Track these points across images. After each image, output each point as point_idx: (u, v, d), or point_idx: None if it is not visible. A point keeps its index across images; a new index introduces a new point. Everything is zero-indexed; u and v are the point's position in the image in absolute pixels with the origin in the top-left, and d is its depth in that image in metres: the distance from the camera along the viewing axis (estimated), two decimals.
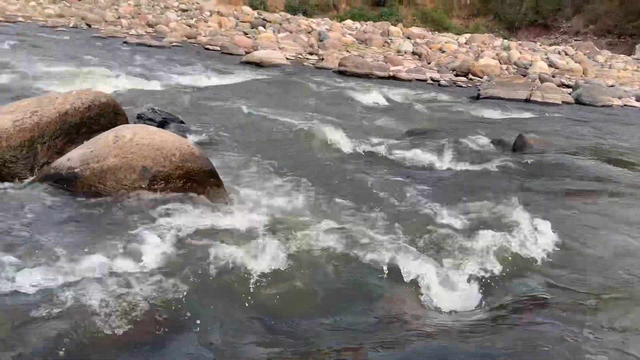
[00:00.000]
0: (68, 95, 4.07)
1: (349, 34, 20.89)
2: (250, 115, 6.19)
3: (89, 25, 18.55)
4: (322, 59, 14.74)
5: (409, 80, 12.49)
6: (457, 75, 13.75)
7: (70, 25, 17.94)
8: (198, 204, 3.04)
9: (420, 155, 5.09)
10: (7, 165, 3.56)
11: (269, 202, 3.31)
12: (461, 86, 12.53)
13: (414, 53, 17.39)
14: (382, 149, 5.21)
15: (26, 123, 3.68)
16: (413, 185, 4.09)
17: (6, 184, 3.40)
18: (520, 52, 18.20)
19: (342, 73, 12.39)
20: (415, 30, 24.12)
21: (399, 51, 17.66)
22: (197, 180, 3.21)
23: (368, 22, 26.74)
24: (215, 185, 3.30)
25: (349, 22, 26.97)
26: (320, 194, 3.59)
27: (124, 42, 14.61)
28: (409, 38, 20.84)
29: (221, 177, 3.41)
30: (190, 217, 2.87)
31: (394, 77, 12.55)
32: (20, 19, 18.55)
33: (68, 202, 2.98)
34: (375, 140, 5.53)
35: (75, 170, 3.11)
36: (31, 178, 3.44)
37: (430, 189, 4.05)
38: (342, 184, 3.97)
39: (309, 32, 20.64)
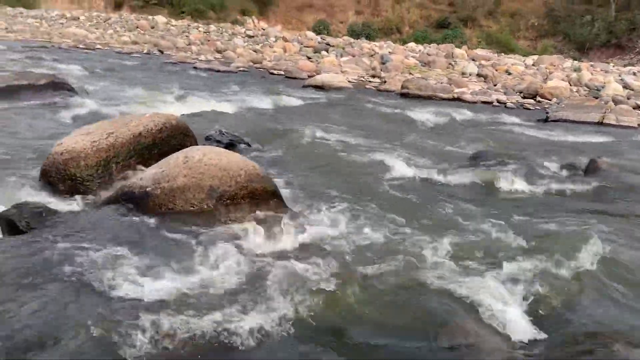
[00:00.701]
0: (141, 118, 4.28)
1: (412, 57, 20.83)
2: (312, 137, 6.26)
3: (161, 52, 19.47)
4: (385, 82, 14.75)
5: (474, 103, 12.26)
6: (524, 97, 13.37)
7: (144, 52, 18.90)
8: (262, 223, 3.09)
9: (486, 179, 4.96)
10: (84, 183, 3.77)
11: (330, 222, 3.32)
12: (529, 109, 12.17)
13: (479, 75, 17.09)
14: (446, 172, 5.11)
15: (102, 144, 3.89)
16: (480, 209, 3.99)
17: (83, 201, 3.59)
18: (592, 74, 17.49)
19: (404, 95, 12.35)
20: (480, 52, 23.74)
21: (463, 73, 17.41)
22: (261, 200, 3.28)
23: (432, 45, 26.58)
24: (278, 204, 3.35)
25: (412, 44, 26.92)
26: (381, 216, 3.56)
27: (194, 68, 15.22)
28: (473, 60, 20.52)
29: (284, 197, 3.46)
30: (254, 235, 2.92)
31: (458, 99, 12.37)
32: (98, 46, 19.77)
33: (140, 219, 3.10)
34: (438, 162, 5.45)
35: (147, 189, 3.25)
36: (106, 196, 3.61)
37: (498, 213, 3.92)
38: (404, 207, 3.92)
39: (372, 56, 20.75)
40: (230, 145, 5.05)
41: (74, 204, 3.56)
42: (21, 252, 2.56)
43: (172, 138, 4.33)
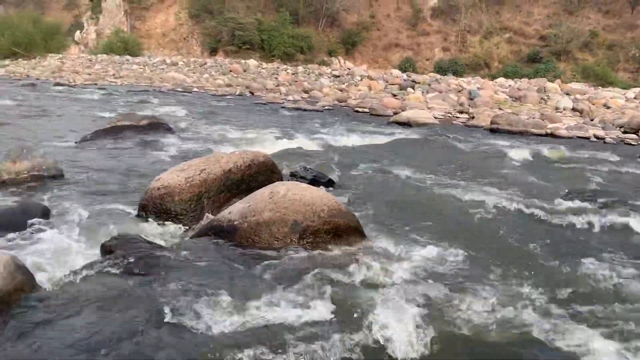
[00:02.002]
0: (232, 155, 4.48)
1: (502, 92, 20.31)
2: (397, 173, 6.22)
3: (252, 93, 20.39)
4: (473, 117, 14.45)
5: (569, 138, 11.67)
6: (625, 132, 12.53)
7: (237, 94, 19.87)
8: (344, 258, 3.09)
9: (583, 219, 4.66)
10: (178, 216, 3.98)
11: (414, 259, 3.25)
12: (630, 144, 11.38)
13: (574, 109, 16.30)
14: (538, 211, 4.86)
15: (196, 180, 4.10)
16: (574, 252, 3.74)
17: (177, 233, 3.78)
18: None
19: (494, 131, 12.01)
20: (575, 85, 22.71)
21: (557, 108, 16.68)
22: (344, 235, 3.29)
23: (522, 79, 25.81)
24: (360, 240, 3.35)
25: (501, 79, 26.30)
26: (468, 254, 3.44)
27: (282, 107, 15.77)
28: (567, 94, 19.63)
29: (367, 232, 3.45)
30: (337, 269, 2.93)
31: (551, 135, 11.84)
32: (195, 89, 21.05)
33: (228, 251, 3.22)
34: (529, 200, 5.20)
35: (235, 222, 3.37)
36: (197, 229, 3.78)
37: (595, 257, 3.66)
38: (492, 245, 3.77)
39: (459, 91, 20.46)
40: (314, 181, 5.13)
41: (168, 236, 3.76)
42: (117, 279, 2.73)
43: (260, 174, 4.49)
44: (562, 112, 16.08)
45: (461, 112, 15.87)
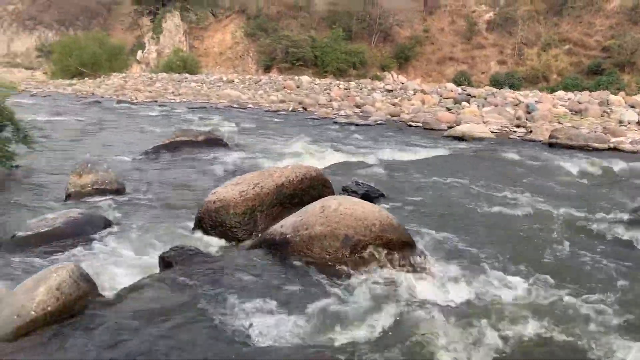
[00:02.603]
0: (284, 170, 4.55)
1: (561, 105, 19.64)
2: (451, 188, 6.12)
3: (305, 109, 20.61)
4: (530, 131, 14.04)
5: (634, 153, 11.13)
6: None
7: (290, 109, 20.14)
8: (396, 273, 3.06)
9: None
10: (232, 229, 4.07)
11: (468, 277, 3.18)
12: None
13: (639, 123, 15.56)
14: (600, 227, 4.65)
15: (249, 193, 4.18)
16: None
17: (231, 246, 3.87)
18: None
19: (553, 145, 11.61)
20: None
21: (620, 121, 15.96)
22: (396, 250, 3.26)
23: (583, 92, 24.88)
24: (412, 255, 3.30)
25: (560, 92, 25.44)
26: (526, 271, 3.34)
27: (334, 122, 15.85)
28: (632, 107, 18.77)
29: (419, 247, 3.41)
30: (389, 285, 2.90)
31: (615, 149, 11.32)
32: (250, 105, 21.51)
33: (280, 264, 3.25)
34: (590, 216, 4.99)
35: (287, 236, 3.41)
36: (250, 242, 3.85)
37: None
38: (553, 264, 3.63)
39: (516, 105, 19.94)
40: (366, 196, 5.12)
41: (223, 249, 3.85)
42: (174, 290, 2.82)
43: (312, 188, 4.53)
44: (626, 125, 15.37)
45: (518, 126, 15.46)
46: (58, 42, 47.77)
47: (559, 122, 15.91)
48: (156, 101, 21.95)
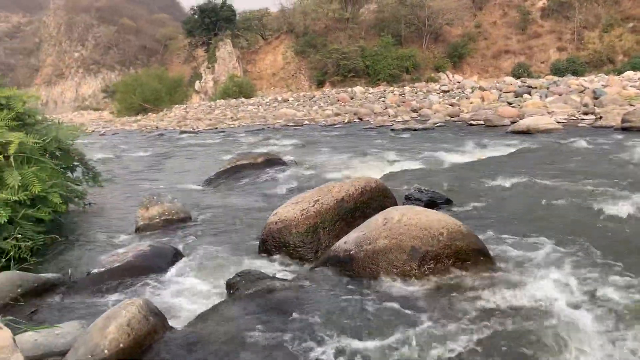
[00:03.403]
0: (343, 184, 4.47)
1: (631, 86, 18.55)
2: (520, 186, 5.83)
3: (361, 119, 20.56)
4: (600, 118, 13.31)
5: None
6: None
7: (345, 121, 20.15)
8: (470, 284, 2.89)
9: None
10: (296, 249, 4.02)
11: (550, 284, 2.94)
12: None
13: None
14: None
15: (310, 211, 4.13)
16: None
17: (296, 266, 3.82)
18: None
19: (627, 130, 10.92)
20: None
21: None
22: (467, 259, 3.09)
23: None
24: (486, 263, 3.12)
25: (629, 73, 24.08)
26: (611, 276, 3.06)
27: (391, 129, 15.68)
28: None
29: (492, 254, 3.21)
30: (465, 298, 2.73)
31: None
32: (306, 121, 21.71)
33: (346, 282, 3.16)
34: None
35: (351, 252, 3.32)
36: (314, 260, 3.79)
37: None
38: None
39: (581, 92, 19.03)
40: (431, 203, 4.95)
41: (289, 269, 3.80)
42: (241, 317, 2.78)
43: (373, 200, 4.42)
44: None
45: (586, 114, 14.71)
46: (120, 81, 50.44)
47: (631, 105, 15.00)
48: (216, 128, 22.57)
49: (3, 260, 3.73)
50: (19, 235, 4.20)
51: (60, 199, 5.08)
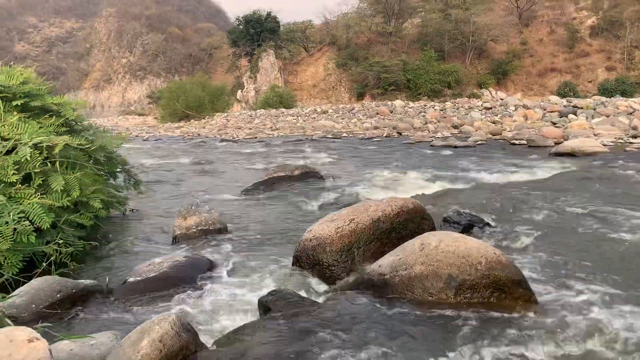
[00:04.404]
0: (380, 203, 4.42)
1: None
2: (564, 212, 5.64)
3: (400, 133, 20.40)
4: None
5: None
6: None
7: (384, 135, 20.03)
8: (508, 317, 2.79)
9: None
10: (330, 268, 3.98)
11: (594, 324, 2.81)
12: None
13: None
14: None
15: (345, 230, 4.09)
16: None
17: (329, 286, 3.78)
18: None
19: None
20: None
21: None
22: (505, 291, 2.98)
23: None
24: (525, 296, 3.00)
25: None
26: None
27: (431, 146, 15.50)
28: None
29: (532, 286, 3.10)
30: (501, 332, 2.64)
31: None
32: (344, 134, 21.69)
33: (380, 307, 3.10)
34: None
35: (385, 277, 3.26)
36: (347, 281, 3.74)
37: None
38: None
39: (630, 114, 18.41)
40: (469, 227, 4.84)
41: (321, 289, 3.77)
42: (272, 338, 2.76)
43: (410, 222, 4.35)
44: None
45: (635, 137, 14.20)
46: (165, 88, 51.72)
47: None
48: (256, 137, 22.82)
49: (45, 264, 3.82)
50: (61, 241, 4.30)
51: (101, 204, 5.20)
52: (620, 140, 13.97)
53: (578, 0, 44.61)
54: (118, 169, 6.75)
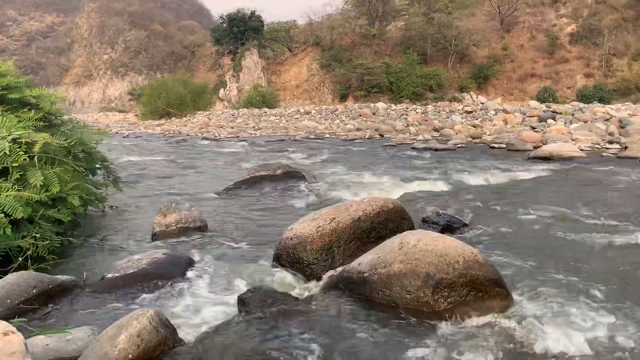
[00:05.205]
0: (360, 203, 4.45)
1: None
2: (541, 215, 5.74)
3: (382, 135, 20.51)
4: (626, 148, 13.09)
5: None
6: None
7: (366, 137, 20.12)
8: (484, 316, 2.84)
9: None
10: (310, 266, 4.00)
11: (567, 322, 2.87)
12: None
13: None
14: None
15: (326, 229, 4.11)
16: None
17: (308, 284, 3.80)
18: None
19: None
20: None
21: None
22: (482, 290, 3.03)
23: None
24: (501, 295, 3.06)
25: None
26: (632, 313, 2.99)
27: (412, 148, 15.61)
28: None
29: (508, 286, 3.16)
30: (476, 330, 2.68)
31: None
32: (327, 135, 21.73)
33: (360, 305, 3.14)
34: None
35: (365, 275, 3.29)
36: (327, 279, 3.76)
37: None
38: None
39: (607, 120, 18.77)
40: (448, 227, 4.90)
41: (301, 287, 3.78)
42: (250, 334, 2.77)
43: (390, 221, 4.39)
44: None
45: (611, 143, 14.50)
46: (147, 85, 51.19)
47: None
48: (238, 136, 22.73)
49: (21, 259, 3.78)
50: (37, 235, 4.25)
51: (80, 200, 5.14)
52: (597, 146, 14.25)
53: (558, 7, 45.34)
54: (97, 166, 6.67)
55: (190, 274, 4.08)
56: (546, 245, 4.52)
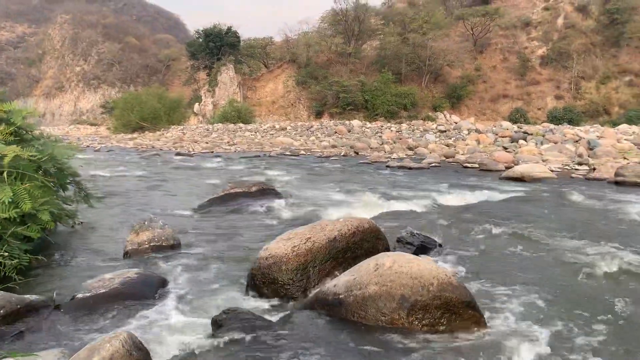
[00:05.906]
0: (336, 222, 4.47)
1: (626, 140, 18.83)
2: (513, 236, 5.84)
3: (357, 153, 20.66)
4: (594, 169, 13.45)
5: None
6: None
7: (342, 154, 20.23)
8: (457, 338, 2.87)
9: None
10: (284, 286, 3.98)
11: (537, 340, 2.93)
12: None
13: None
14: None
15: (302, 249, 4.11)
16: None
17: (283, 305, 3.78)
18: None
19: (620, 184, 11.04)
20: None
21: None
22: (456, 312, 3.07)
23: None
24: (474, 317, 3.10)
25: (624, 126, 24.46)
26: (606, 338, 3.05)
27: (387, 166, 15.75)
28: None
29: (481, 308, 3.20)
30: (449, 353, 2.71)
31: None
32: (302, 151, 21.79)
33: (335, 327, 3.13)
34: None
35: (340, 296, 3.29)
36: (303, 300, 3.75)
37: None
38: (628, 324, 3.32)
39: (576, 141, 19.29)
40: (422, 247, 4.95)
41: (276, 309, 3.76)
42: (225, 356, 2.74)
43: (365, 241, 4.41)
44: None
45: (580, 164, 14.88)
46: (120, 98, 50.60)
47: (625, 158, 15.20)
48: (212, 152, 22.60)
49: None
50: (5, 253, 4.14)
51: (50, 216, 5.03)
52: (567, 167, 14.60)
53: (530, 30, 46.59)
54: (68, 181, 6.54)
55: (163, 294, 4.02)
56: (518, 266, 4.60)
